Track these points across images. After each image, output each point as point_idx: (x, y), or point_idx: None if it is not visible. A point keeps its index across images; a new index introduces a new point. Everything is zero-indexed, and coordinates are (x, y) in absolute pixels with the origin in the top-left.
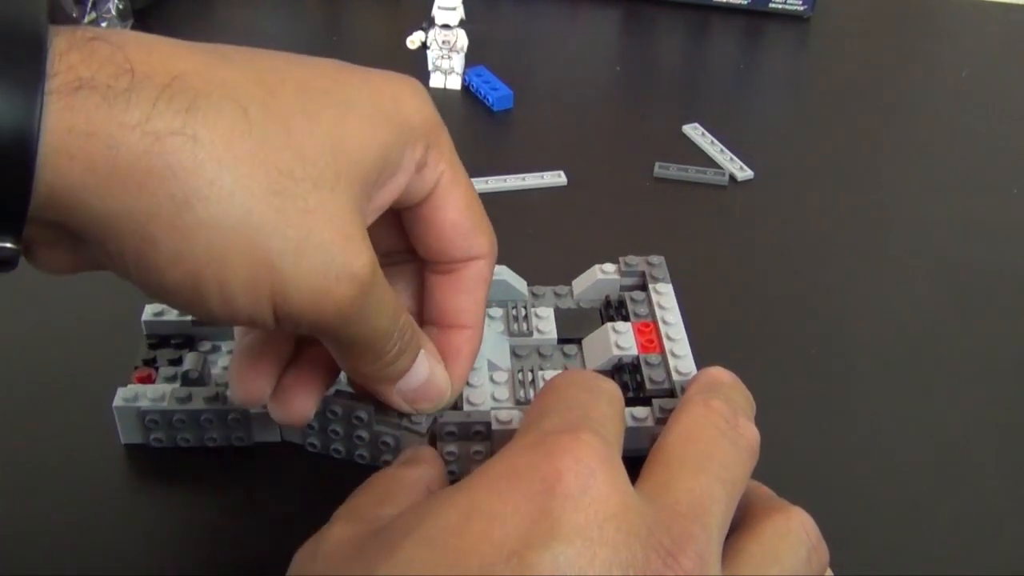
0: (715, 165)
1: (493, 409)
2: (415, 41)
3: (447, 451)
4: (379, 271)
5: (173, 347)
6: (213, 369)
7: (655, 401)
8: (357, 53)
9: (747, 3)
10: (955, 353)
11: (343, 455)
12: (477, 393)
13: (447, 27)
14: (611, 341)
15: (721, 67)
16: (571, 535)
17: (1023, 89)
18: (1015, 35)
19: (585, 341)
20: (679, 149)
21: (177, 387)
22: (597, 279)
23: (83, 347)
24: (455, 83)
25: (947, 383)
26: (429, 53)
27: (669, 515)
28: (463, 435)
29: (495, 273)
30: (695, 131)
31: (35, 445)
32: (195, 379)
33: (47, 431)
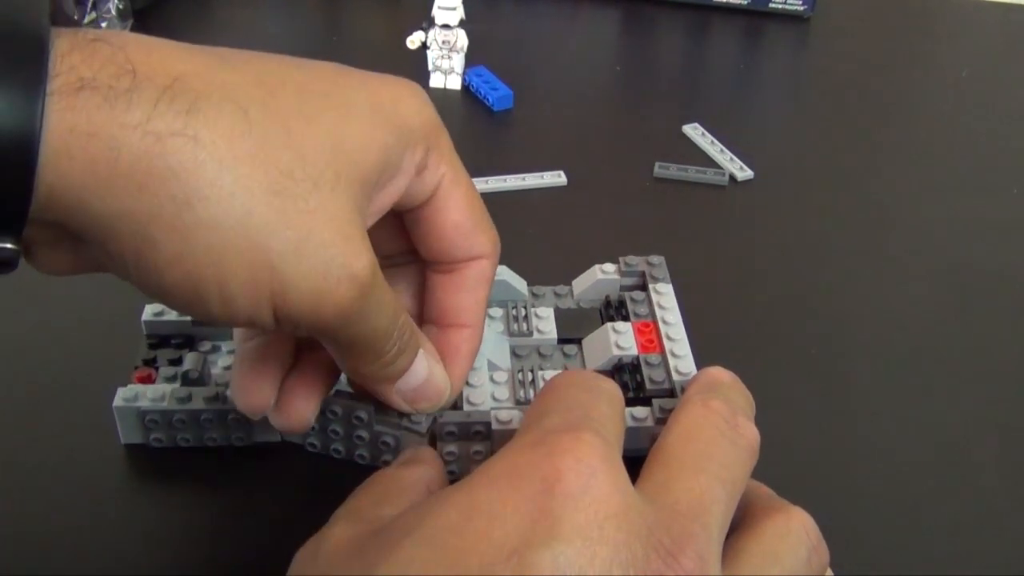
0: (715, 165)
1: (493, 409)
2: (415, 41)
3: (447, 451)
4: (379, 272)
5: (173, 347)
6: (213, 369)
7: (655, 401)
8: (357, 53)
9: (747, 3)
10: (955, 353)
11: (343, 455)
12: (477, 393)
13: (447, 27)
14: (611, 341)
15: (721, 67)
16: (571, 534)
17: (1023, 89)
18: (1015, 35)
19: (585, 341)
20: (679, 149)
21: (177, 387)
22: (597, 279)
23: (83, 347)
24: (455, 83)
25: (947, 383)
26: (429, 53)
27: (669, 515)
28: (463, 435)
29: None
30: (695, 131)
31: (35, 445)
32: (195, 379)
33: (47, 431)
